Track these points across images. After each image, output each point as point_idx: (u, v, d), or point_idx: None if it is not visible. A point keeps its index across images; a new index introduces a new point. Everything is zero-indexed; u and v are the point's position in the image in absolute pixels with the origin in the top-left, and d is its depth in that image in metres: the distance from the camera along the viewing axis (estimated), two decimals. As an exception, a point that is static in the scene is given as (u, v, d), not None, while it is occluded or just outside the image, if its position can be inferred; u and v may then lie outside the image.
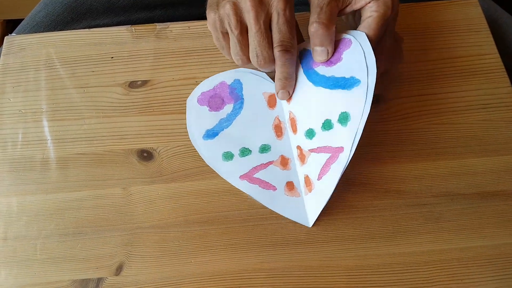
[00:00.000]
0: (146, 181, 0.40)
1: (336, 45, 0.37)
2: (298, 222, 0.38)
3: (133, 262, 0.37)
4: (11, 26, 1.05)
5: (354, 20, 0.41)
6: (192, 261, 0.37)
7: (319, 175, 0.37)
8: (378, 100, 0.43)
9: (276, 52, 0.36)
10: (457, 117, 0.42)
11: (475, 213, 0.38)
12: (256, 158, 0.40)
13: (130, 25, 0.47)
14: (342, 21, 0.45)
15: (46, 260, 0.37)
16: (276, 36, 0.36)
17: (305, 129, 0.38)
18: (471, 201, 0.38)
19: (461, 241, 0.37)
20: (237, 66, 0.41)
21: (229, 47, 0.38)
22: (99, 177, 0.40)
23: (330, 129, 0.37)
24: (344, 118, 0.36)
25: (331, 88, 0.37)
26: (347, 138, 0.35)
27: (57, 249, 0.38)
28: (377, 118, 0.42)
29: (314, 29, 0.36)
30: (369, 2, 0.36)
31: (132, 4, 0.58)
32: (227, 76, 0.43)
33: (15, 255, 0.37)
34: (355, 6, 0.37)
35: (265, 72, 0.41)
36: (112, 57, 0.46)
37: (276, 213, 0.38)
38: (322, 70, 0.38)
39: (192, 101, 0.42)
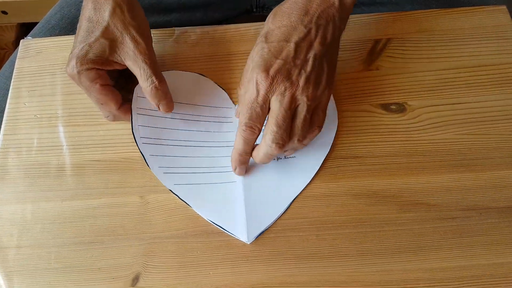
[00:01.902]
0: (164, 189, 0.39)
1: None
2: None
3: (150, 273, 0.36)
4: (24, 29, 1.05)
5: None
6: (211, 273, 0.36)
7: None
8: (404, 109, 0.41)
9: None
10: (487, 127, 0.40)
11: (507, 227, 0.37)
12: None
13: (147, 29, 0.46)
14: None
15: (61, 269, 0.36)
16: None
17: None
18: (503, 214, 0.37)
19: (492, 256, 0.36)
20: None
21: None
22: (115, 184, 0.39)
23: None
24: None
25: None
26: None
27: (72, 258, 0.37)
28: (403, 127, 0.41)
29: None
30: None
31: (148, 8, 0.57)
32: None
33: (29, 264, 0.37)
34: None
35: None
36: (130, 62, 0.45)
37: (300, 225, 0.37)
38: None
39: None
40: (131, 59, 0.37)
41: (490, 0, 0.50)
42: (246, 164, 0.38)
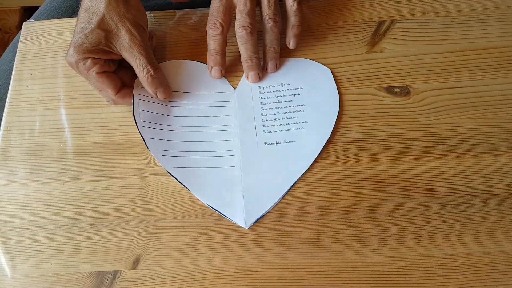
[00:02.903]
0: (166, 172, 0.39)
1: None
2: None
3: (151, 255, 0.36)
4: (28, 13, 1.05)
5: None
6: (211, 256, 0.36)
7: None
8: (408, 92, 0.41)
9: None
10: (493, 112, 0.39)
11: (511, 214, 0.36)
12: None
13: (149, 12, 0.46)
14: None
15: (63, 251, 0.37)
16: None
17: None
18: (508, 201, 0.36)
19: (497, 244, 0.35)
20: None
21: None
22: (117, 167, 0.39)
23: None
24: None
25: None
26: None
27: (74, 240, 0.37)
28: (407, 111, 0.40)
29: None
30: None
31: (151, -10, 0.56)
32: None
33: (32, 245, 0.37)
34: None
35: None
36: (131, 44, 0.44)
37: (301, 210, 0.37)
38: None
39: None
40: (127, 50, 0.38)
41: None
42: (219, 65, 0.41)
